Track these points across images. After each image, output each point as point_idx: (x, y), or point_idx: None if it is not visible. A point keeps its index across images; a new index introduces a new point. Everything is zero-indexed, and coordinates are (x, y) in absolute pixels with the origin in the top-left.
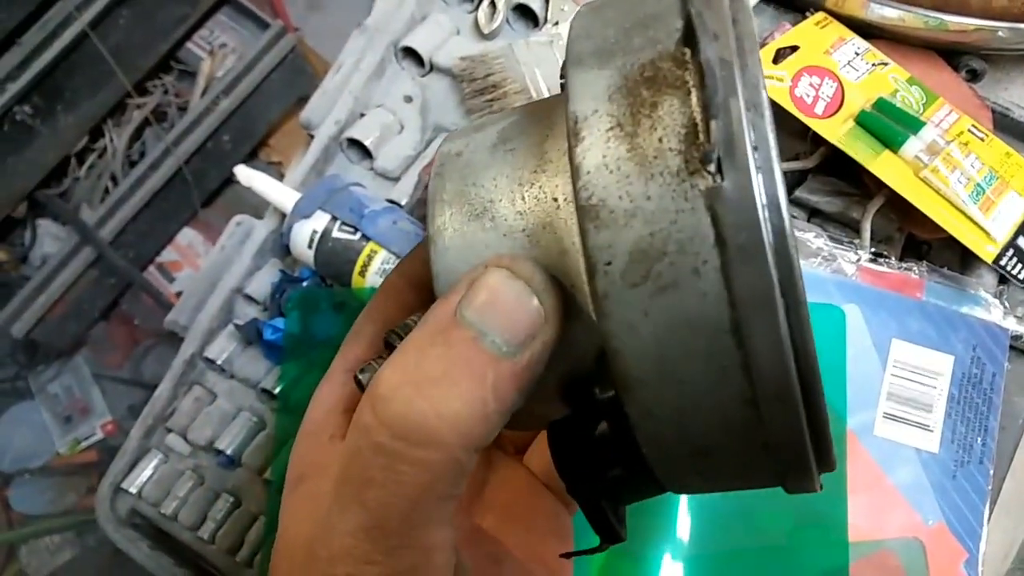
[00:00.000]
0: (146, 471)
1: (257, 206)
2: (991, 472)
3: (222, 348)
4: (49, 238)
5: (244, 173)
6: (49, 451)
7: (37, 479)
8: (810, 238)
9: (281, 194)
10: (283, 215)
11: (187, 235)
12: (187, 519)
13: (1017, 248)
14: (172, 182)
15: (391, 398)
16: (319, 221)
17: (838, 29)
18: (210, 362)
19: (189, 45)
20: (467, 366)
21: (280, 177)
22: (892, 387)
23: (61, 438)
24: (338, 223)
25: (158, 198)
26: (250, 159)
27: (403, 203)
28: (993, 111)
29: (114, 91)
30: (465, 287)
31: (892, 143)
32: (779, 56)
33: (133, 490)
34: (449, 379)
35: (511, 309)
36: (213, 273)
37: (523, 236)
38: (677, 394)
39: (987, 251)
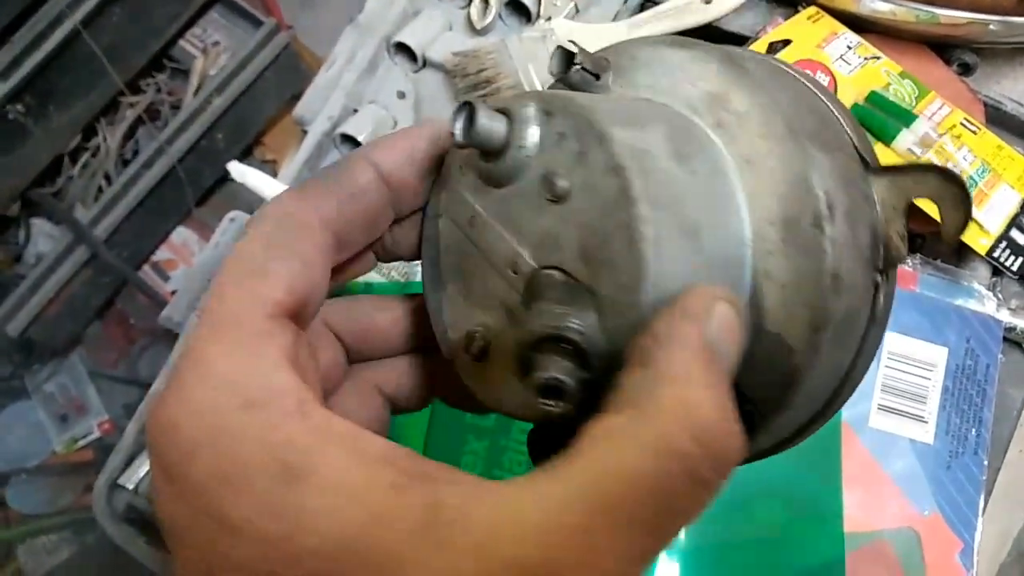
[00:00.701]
0: (143, 467)
1: (251, 203)
2: (986, 463)
3: None
4: (43, 237)
5: (237, 169)
6: (45, 450)
7: (34, 478)
8: None
9: (274, 190)
10: None
11: (181, 234)
12: None
13: (1010, 240)
14: (166, 181)
15: (711, 428)
16: None
17: (830, 23)
18: None
19: (182, 43)
20: (728, 394)
21: (274, 176)
22: (887, 379)
23: (57, 437)
24: None
25: (152, 197)
26: (244, 157)
27: None
28: (985, 104)
29: (107, 90)
30: (707, 313)
31: (885, 136)
32: (771, 50)
33: (130, 486)
34: (727, 409)
35: (736, 342)
36: (207, 270)
37: (715, 266)
38: (811, 398)
39: (980, 243)
